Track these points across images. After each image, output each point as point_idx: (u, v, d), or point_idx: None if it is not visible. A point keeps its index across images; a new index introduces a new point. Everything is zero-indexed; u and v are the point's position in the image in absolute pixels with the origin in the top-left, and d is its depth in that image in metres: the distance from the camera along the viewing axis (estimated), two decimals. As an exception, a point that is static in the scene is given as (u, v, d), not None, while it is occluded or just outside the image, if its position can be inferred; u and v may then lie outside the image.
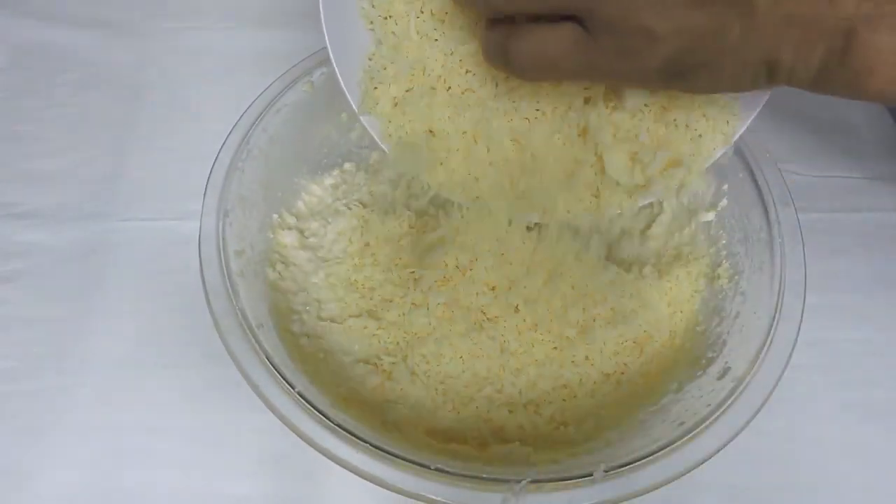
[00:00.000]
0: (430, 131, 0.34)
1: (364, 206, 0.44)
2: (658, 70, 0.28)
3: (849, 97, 0.28)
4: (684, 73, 0.28)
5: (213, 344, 0.33)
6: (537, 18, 0.29)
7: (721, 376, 0.34)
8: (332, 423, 0.31)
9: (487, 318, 0.39)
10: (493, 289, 0.40)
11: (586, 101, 0.34)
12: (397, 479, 0.30)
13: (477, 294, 0.40)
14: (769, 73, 0.27)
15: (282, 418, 0.31)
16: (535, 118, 0.34)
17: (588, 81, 0.32)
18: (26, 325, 0.43)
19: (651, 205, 0.40)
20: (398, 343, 0.39)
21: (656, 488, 0.30)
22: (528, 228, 0.39)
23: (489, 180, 0.34)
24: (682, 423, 0.32)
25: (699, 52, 0.27)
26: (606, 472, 0.30)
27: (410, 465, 0.30)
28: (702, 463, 0.30)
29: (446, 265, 0.40)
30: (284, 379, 0.32)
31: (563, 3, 0.28)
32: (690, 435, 0.31)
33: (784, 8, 0.26)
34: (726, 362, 0.35)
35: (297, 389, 0.32)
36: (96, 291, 0.44)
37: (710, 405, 0.32)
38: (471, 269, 0.41)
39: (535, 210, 0.35)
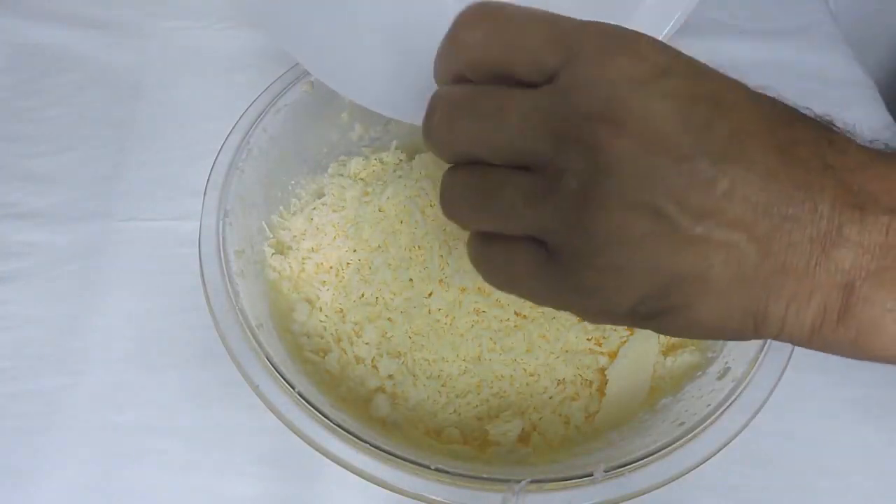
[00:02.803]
0: None
1: (364, 206, 0.44)
2: (626, 311, 0.24)
3: (849, 356, 0.25)
4: (655, 316, 0.24)
5: (213, 344, 0.33)
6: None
7: (721, 376, 0.34)
8: (332, 423, 0.31)
9: (489, 320, 0.39)
10: (495, 290, 0.40)
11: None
12: (397, 479, 0.30)
13: (479, 296, 0.40)
14: (755, 326, 0.24)
15: (282, 418, 0.31)
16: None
17: (550, 307, 0.28)
18: (26, 325, 0.43)
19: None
20: (399, 344, 0.39)
21: (656, 488, 0.30)
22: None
23: None
24: (681, 424, 0.32)
25: (676, 295, 0.23)
26: (606, 472, 0.30)
27: (410, 465, 0.30)
28: (702, 463, 0.30)
29: (447, 265, 0.40)
30: (284, 379, 0.32)
31: (526, 225, 0.25)
32: (690, 435, 0.31)
33: (777, 257, 0.22)
34: (726, 362, 0.35)
35: (297, 389, 0.31)
36: (96, 291, 0.44)
37: (709, 405, 0.32)
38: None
39: None
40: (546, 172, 0.24)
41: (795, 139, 0.23)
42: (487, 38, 0.25)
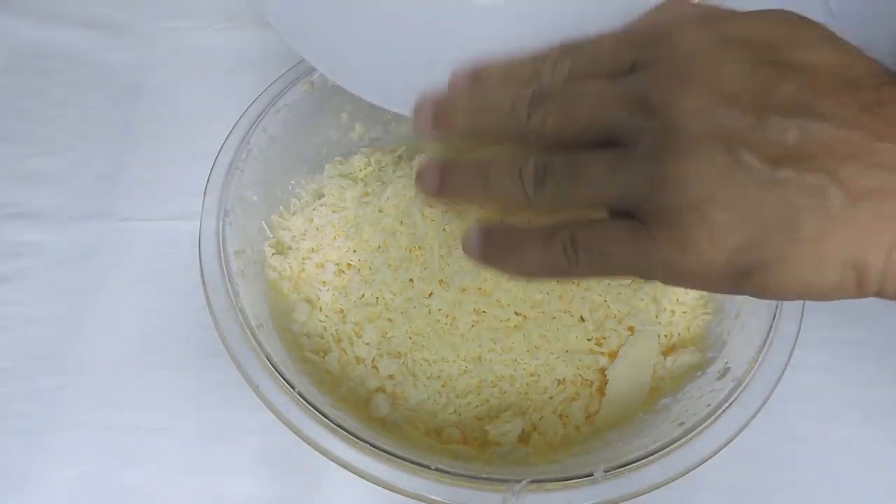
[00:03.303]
0: None
1: (364, 206, 0.44)
2: (723, 267, 0.24)
3: None
4: (753, 272, 0.24)
5: (213, 344, 0.33)
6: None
7: (721, 376, 0.34)
8: (332, 423, 0.31)
9: (489, 320, 0.39)
10: (495, 290, 0.40)
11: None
12: (397, 479, 0.30)
13: (479, 296, 0.40)
14: (857, 281, 0.24)
15: (282, 418, 0.31)
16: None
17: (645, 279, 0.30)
18: (26, 325, 0.43)
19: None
20: (399, 344, 0.39)
21: (656, 488, 0.30)
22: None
23: None
24: (682, 423, 0.32)
25: (768, 246, 0.23)
26: (606, 472, 0.30)
27: (410, 465, 0.30)
28: (702, 463, 0.30)
29: (447, 266, 0.40)
30: (284, 379, 0.32)
31: (613, 193, 0.26)
32: (690, 435, 0.31)
33: (869, 203, 0.22)
34: (726, 362, 0.35)
35: (297, 389, 0.32)
36: (96, 291, 0.44)
37: (710, 405, 0.32)
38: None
39: None
40: (625, 141, 0.26)
41: (881, 100, 0.23)
42: (573, 62, 0.28)
